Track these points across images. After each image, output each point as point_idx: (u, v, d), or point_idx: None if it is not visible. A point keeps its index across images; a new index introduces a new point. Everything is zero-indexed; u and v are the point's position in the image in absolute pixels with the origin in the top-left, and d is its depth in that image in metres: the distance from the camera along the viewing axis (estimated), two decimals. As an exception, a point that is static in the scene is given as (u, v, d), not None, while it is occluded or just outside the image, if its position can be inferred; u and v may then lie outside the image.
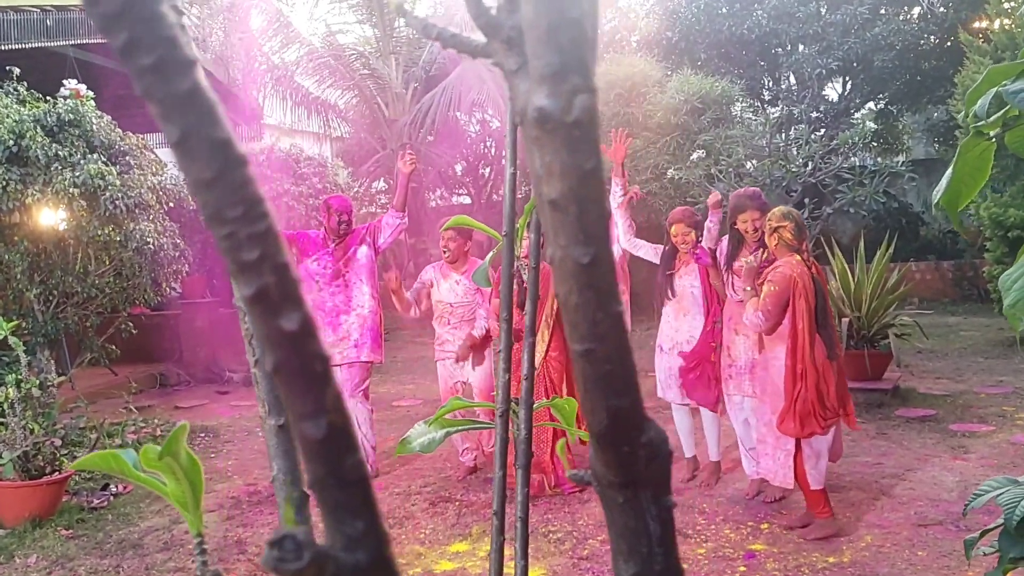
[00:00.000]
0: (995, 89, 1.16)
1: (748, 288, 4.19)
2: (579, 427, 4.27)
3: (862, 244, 7.28)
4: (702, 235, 4.95)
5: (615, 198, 5.18)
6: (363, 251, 5.58)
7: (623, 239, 5.29)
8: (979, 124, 1.25)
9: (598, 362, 0.31)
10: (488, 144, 16.96)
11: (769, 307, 4.05)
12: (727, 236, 4.87)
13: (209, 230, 0.28)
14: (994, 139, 1.31)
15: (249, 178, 0.28)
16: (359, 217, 17.06)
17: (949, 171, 1.31)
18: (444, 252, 5.30)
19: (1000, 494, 1.18)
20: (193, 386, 9.27)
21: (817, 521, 4.18)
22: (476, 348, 5.35)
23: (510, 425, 1.37)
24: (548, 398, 5.14)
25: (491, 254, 1.34)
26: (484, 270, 1.36)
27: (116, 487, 5.27)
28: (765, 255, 4.43)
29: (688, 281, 5.02)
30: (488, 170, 17.09)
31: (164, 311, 10.17)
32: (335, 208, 5.53)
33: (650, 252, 5.29)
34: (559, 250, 0.31)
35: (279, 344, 0.28)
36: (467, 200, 17.32)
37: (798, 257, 4.14)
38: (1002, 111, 1.22)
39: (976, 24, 12.21)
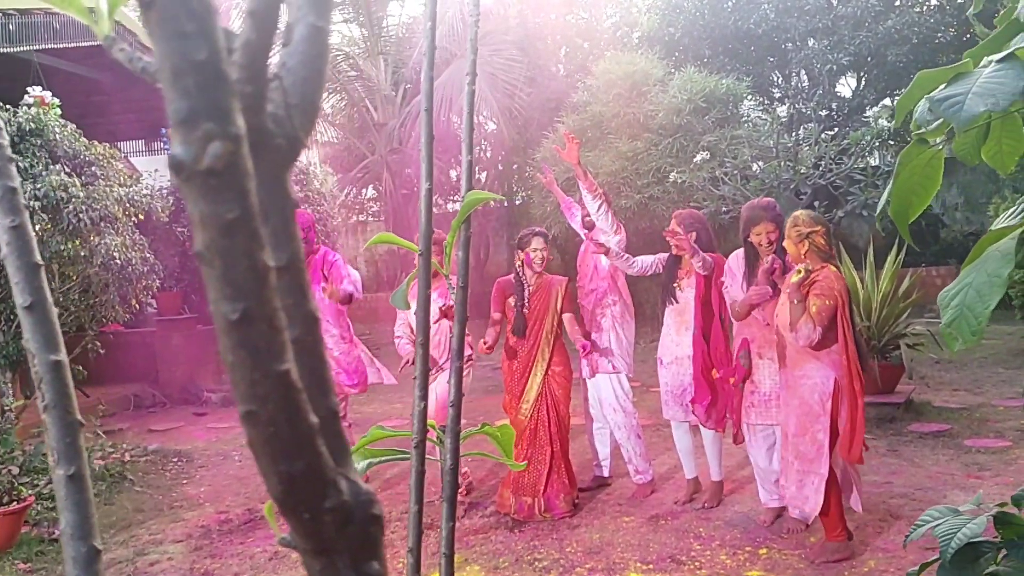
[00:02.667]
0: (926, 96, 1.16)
1: (797, 301, 4.02)
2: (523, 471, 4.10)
3: (871, 249, 7.26)
4: (691, 236, 4.92)
5: (588, 202, 5.14)
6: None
7: (626, 272, 5.23)
8: (921, 132, 1.25)
9: (261, 425, 0.31)
10: (483, 147, 17.00)
11: (826, 322, 3.96)
12: (741, 255, 4.72)
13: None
14: (941, 146, 1.30)
15: None
16: (348, 227, 17.11)
17: (891, 183, 1.31)
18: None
19: (937, 525, 1.16)
20: (169, 407, 9.27)
21: (829, 544, 4.14)
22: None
23: (460, 455, 1.37)
24: (550, 415, 5.13)
25: (411, 275, 1.34)
26: (403, 292, 1.36)
27: (79, 517, 5.26)
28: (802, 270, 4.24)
29: (690, 294, 4.98)
30: (484, 175, 17.13)
31: (139, 328, 10.19)
32: None
33: (653, 264, 5.22)
34: (211, 304, 0.31)
35: None
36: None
37: (833, 267, 4.10)
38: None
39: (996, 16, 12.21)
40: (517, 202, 16.99)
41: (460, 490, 5.45)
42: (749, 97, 13.33)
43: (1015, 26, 1.19)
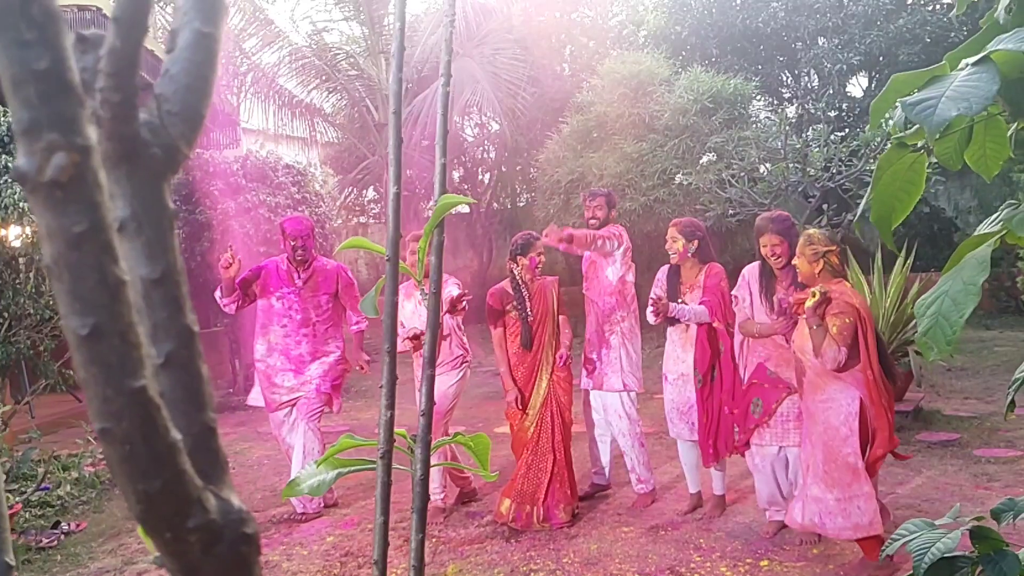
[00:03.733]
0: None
1: (817, 326, 3.97)
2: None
3: (879, 254, 7.24)
4: (693, 245, 4.92)
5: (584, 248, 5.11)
6: (333, 301, 5.61)
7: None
8: (901, 136, 1.24)
9: (116, 443, 0.31)
10: (486, 148, 17.01)
11: (849, 340, 3.94)
12: (757, 268, 4.65)
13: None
14: (923, 150, 1.30)
15: None
16: (349, 229, 17.12)
17: (870, 189, 1.30)
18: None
19: (912, 539, 1.15)
20: (163, 413, 9.27)
21: (869, 563, 4.06)
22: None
23: (420, 466, 1.37)
24: (554, 422, 5.11)
25: (380, 281, 1.34)
26: (372, 298, 1.36)
27: (67, 525, 5.27)
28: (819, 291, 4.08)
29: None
30: (487, 176, 17.14)
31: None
32: (289, 233, 5.47)
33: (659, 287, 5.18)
34: (62, 319, 0.31)
35: None
36: (464, 208, 17.35)
37: (848, 283, 4.09)
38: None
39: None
40: (520, 204, 16.98)
41: (453, 498, 5.45)
42: (757, 97, 13.32)
43: (995, 28, 1.18)
